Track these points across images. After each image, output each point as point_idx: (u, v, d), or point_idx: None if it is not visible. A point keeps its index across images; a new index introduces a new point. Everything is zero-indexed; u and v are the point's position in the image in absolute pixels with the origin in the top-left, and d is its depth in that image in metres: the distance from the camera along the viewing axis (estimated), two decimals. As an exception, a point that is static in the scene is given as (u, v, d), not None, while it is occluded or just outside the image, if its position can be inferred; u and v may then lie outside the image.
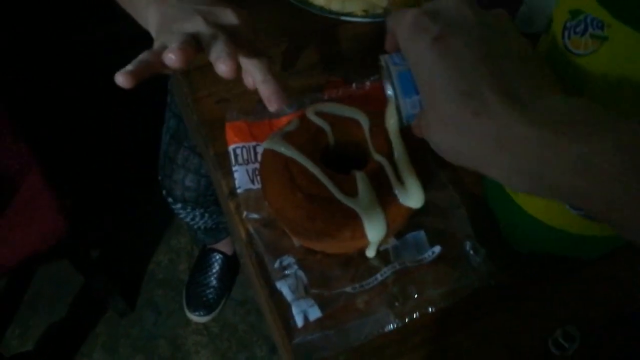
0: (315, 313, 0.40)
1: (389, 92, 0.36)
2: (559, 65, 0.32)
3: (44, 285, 1.40)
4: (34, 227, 0.91)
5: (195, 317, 1.31)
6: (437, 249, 0.45)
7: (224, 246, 1.32)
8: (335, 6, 0.62)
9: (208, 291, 1.31)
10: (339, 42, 0.62)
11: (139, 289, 1.39)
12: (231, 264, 1.35)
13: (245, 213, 0.46)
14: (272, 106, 0.42)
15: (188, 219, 1.08)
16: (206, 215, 1.07)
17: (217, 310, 1.33)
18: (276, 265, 0.43)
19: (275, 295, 0.43)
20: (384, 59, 0.35)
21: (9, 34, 1.62)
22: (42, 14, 1.62)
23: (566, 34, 0.31)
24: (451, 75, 0.27)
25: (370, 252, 0.44)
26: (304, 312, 0.40)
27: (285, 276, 0.42)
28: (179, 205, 1.00)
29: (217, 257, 1.32)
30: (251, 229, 0.46)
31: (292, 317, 0.41)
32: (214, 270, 1.32)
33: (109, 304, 1.30)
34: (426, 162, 0.47)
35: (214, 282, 1.32)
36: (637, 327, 0.42)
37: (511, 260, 0.45)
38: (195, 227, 1.13)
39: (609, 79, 0.30)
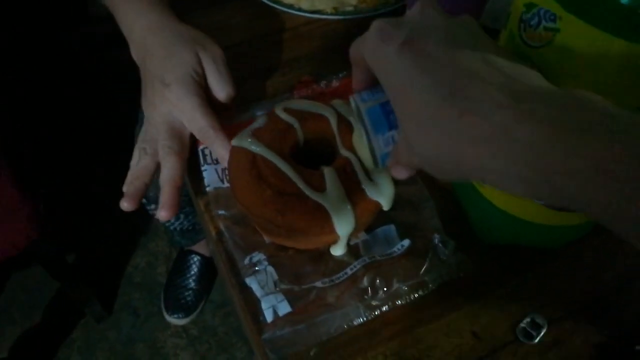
0: (284, 308, 0.40)
1: (359, 134, 0.34)
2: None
3: (17, 292, 1.37)
4: (5, 230, 0.89)
5: (174, 320, 1.30)
6: (406, 242, 0.45)
7: (202, 248, 1.31)
8: (304, 4, 0.62)
9: (187, 293, 1.30)
10: (309, 41, 0.63)
11: (116, 293, 1.38)
12: (209, 266, 1.34)
13: (215, 210, 0.46)
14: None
15: (165, 222, 1.07)
16: (181, 216, 1.06)
17: (195, 313, 1.32)
18: (246, 261, 0.43)
19: (246, 291, 0.43)
20: (352, 100, 0.32)
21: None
22: (21, 19, 1.59)
23: (522, 26, 0.32)
24: (431, 76, 0.24)
25: (339, 248, 0.45)
26: (274, 307, 0.40)
27: (255, 272, 0.42)
28: (153, 206, 1.00)
29: (195, 259, 1.31)
30: (221, 226, 0.46)
31: (262, 312, 0.41)
32: (192, 272, 1.31)
33: (86, 308, 1.28)
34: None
35: (192, 284, 1.31)
36: (600, 314, 0.43)
37: (479, 252, 0.46)
38: (172, 228, 1.12)
39: (563, 69, 0.30)
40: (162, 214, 0.44)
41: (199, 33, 0.48)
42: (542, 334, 0.41)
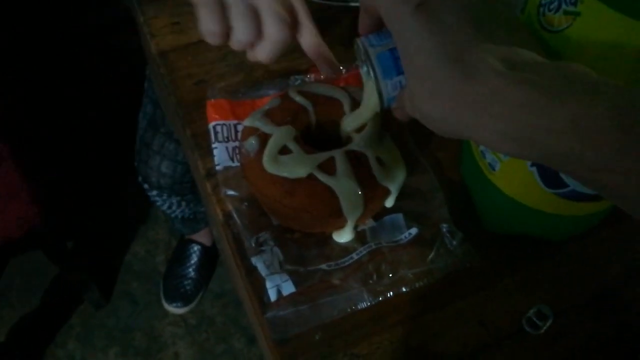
0: (289, 288, 0.40)
1: (365, 74, 0.35)
2: (535, 41, 0.32)
3: (15, 277, 1.37)
4: (7, 214, 0.89)
5: (173, 309, 1.30)
6: (413, 230, 0.45)
7: (202, 237, 1.31)
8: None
9: (186, 282, 1.30)
10: (332, 27, 0.62)
11: (114, 281, 1.37)
12: (210, 256, 1.34)
13: (224, 190, 0.46)
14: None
15: (165, 207, 1.06)
16: (183, 203, 1.06)
17: (194, 302, 1.31)
18: (252, 242, 0.43)
19: (251, 272, 0.42)
20: (360, 42, 0.33)
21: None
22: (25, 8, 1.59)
23: (541, 11, 0.32)
24: (438, 40, 0.26)
25: (346, 234, 0.44)
26: (278, 286, 0.40)
27: (261, 252, 0.42)
28: (154, 192, 0.99)
29: (195, 249, 1.31)
30: (230, 206, 0.45)
31: (266, 292, 0.40)
32: (192, 262, 1.31)
33: (84, 295, 1.28)
34: (407, 146, 0.47)
35: (192, 274, 1.30)
36: (607, 307, 0.43)
37: (486, 243, 0.46)
38: (173, 216, 1.12)
39: (583, 54, 0.30)
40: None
41: None
42: (548, 324, 0.41)
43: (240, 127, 0.49)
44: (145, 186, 0.99)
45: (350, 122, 0.43)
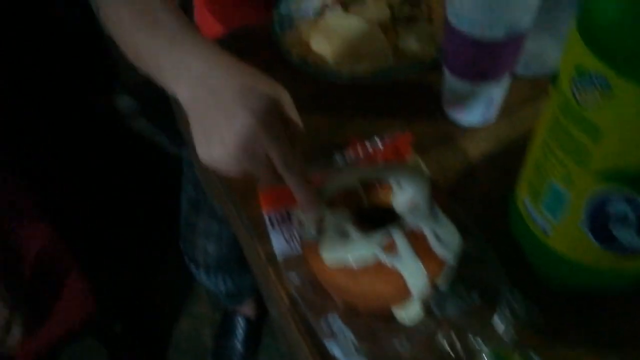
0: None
1: None
2: (571, 117, 0.34)
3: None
4: (66, 309, 0.91)
5: (224, 385, 1.29)
6: (474, 296, 0.46)
7: (246, 308, 1.32)
8: (345, 69, 0.65)
9: (234, 357, 1.30)
10: (346, 102, 0.65)
11: (164, 360, 1.38)
12: (255, 329, 1.34)
13: (286, 275, 0.48)
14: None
15: (211, 286, 1.08)
16: (229, 280, 1.07)
17: (244, 378, 1.31)
18: (322, 324, 0.44)
19: (325, 356, 0.44)
20: None
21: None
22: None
23: (574, 88, 0.33)
24: None
25: (414, 310, 0.45)
26: (358, 371, 0.41)
27: (333, 334, 0.43)
28: (202, 272, 1.02)
29: (240, 321, 1.32)
30: (293, 291, 0.47)
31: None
32: (238, 336, 1.31)
33: (136, 378, 1.28)
34: (455, 213, 0.49)
35: (239, 347, 1.30)
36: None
37: (547, 300, 0.46)
38: (218, 292, 1.14)
39: (622, 131, 0.32)
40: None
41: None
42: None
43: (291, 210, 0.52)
44: (192, 266, 1.01)
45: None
